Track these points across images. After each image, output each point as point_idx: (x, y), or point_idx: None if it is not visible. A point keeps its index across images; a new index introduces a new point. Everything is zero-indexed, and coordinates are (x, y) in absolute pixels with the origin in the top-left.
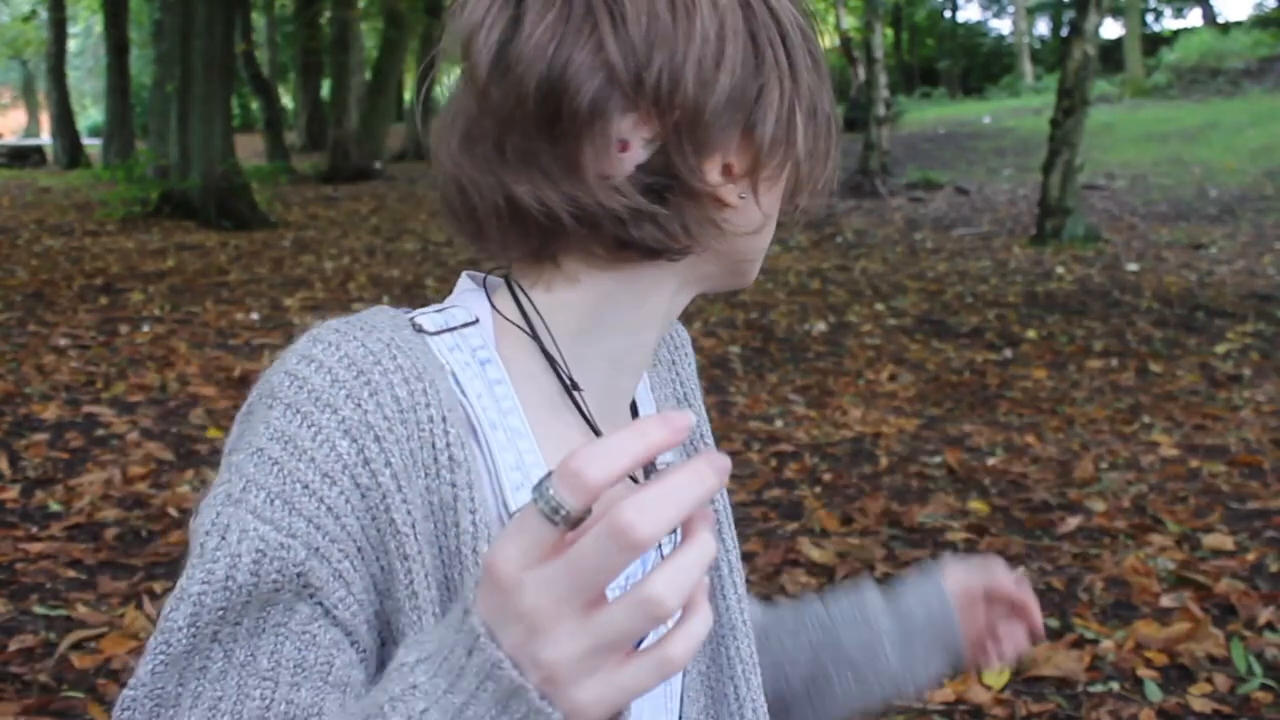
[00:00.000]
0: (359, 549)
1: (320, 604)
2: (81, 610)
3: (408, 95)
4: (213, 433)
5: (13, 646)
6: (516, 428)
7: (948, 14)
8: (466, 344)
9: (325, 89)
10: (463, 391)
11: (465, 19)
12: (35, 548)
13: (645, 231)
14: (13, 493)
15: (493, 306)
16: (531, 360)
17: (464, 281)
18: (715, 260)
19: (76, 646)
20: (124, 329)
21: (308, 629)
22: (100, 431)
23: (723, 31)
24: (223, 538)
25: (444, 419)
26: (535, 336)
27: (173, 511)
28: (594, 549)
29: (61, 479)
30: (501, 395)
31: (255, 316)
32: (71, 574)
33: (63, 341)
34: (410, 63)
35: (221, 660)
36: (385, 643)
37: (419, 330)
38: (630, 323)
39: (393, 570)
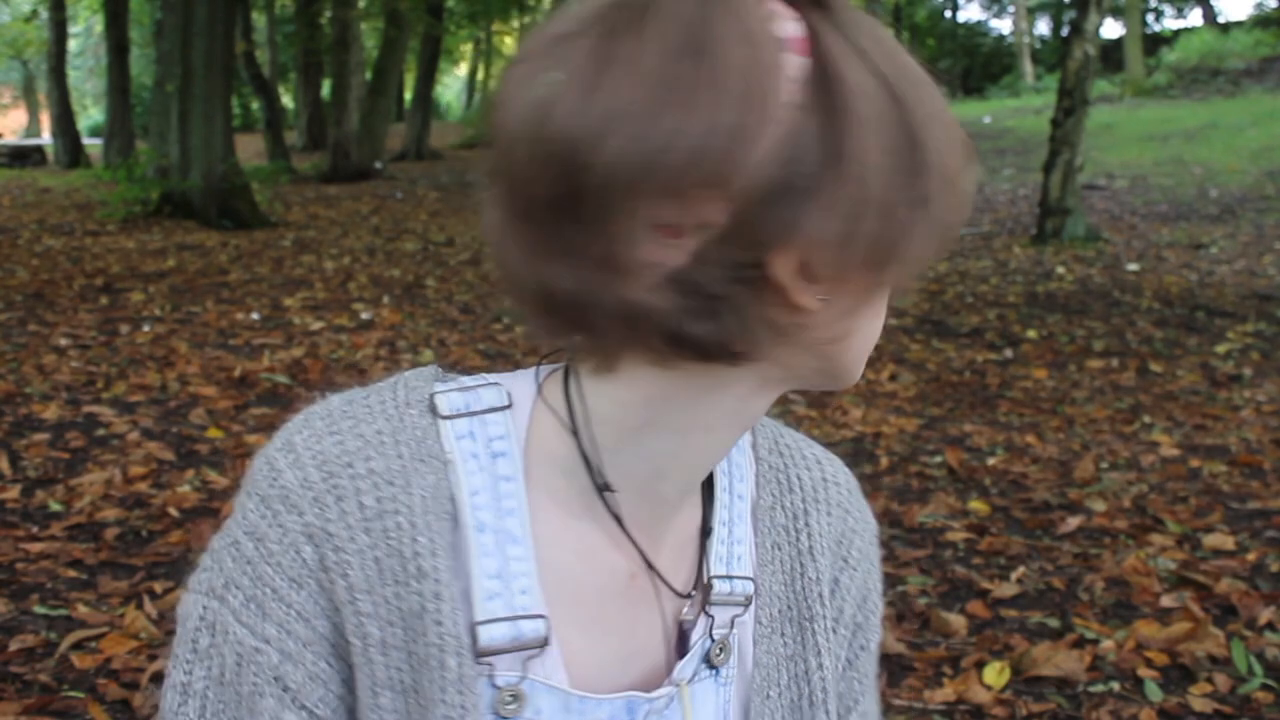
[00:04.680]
0: (334, 647)
1: (303, 706)
2: (82, 610)
3: (408, 95)
4: (213, 433)
5: (13, 646)
6: (513, 532)
7: (948, 14)
8: (484, 432)
9: (325, 89)
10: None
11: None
12: (35, 548)
13: (697, 332)
14: (13, 493)
15: (539, 391)
16: (566, 453)
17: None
18: (802, 358)
19: (76, 646)
20: (124, 329)
21: None
22: (100, 431)
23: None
24: (212, 637)
25: (413, 525)
26: (575, 431)
27: (173, 511)
28: None
29: (62, 479)
30: (506, 494)
31: (256, 316)
32: (72, 574)
33: (63, 341)
34: (410, 62)
35: None
36: None
37: (433, 411)
38: (682, 424)
39: (355, 672)
